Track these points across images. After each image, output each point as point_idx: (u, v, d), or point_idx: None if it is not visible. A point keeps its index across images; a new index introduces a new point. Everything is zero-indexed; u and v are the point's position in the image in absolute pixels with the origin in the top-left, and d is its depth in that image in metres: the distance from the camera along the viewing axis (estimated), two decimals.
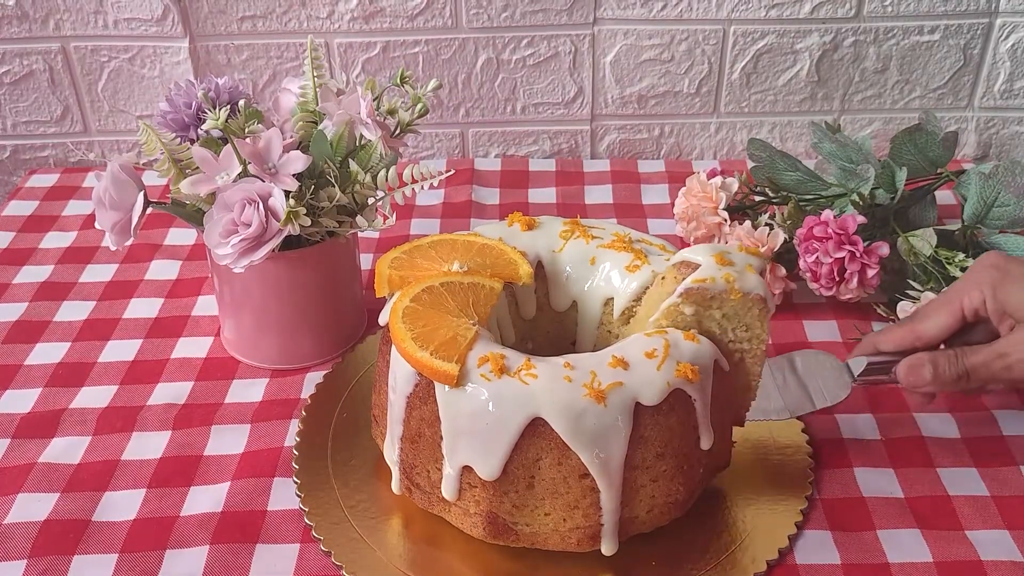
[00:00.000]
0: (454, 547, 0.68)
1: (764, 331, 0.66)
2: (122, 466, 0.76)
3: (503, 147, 1.18)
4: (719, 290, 0.65)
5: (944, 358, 0.70)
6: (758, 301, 0.65)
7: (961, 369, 0.70)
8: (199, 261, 1.00)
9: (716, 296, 0.65)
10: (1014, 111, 1.15)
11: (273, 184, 0.74)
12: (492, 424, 0.61)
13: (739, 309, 0.65)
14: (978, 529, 0.70)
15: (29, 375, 0.85)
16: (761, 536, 0.69)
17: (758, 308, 0.65)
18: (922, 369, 0.71)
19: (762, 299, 0.65)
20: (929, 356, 0.71)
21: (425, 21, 1.09)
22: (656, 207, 1.09)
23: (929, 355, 0.71)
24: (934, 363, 0.70)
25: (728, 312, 0.66)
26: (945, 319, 0.72)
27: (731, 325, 0.66)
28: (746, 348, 0.67)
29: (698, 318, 0.66)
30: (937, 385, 0.71)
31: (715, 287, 0.65)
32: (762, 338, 0.67)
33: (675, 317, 0.66)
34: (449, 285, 0.67)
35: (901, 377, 0.72)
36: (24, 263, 1.00)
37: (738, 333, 0.67)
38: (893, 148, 0.97)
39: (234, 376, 0.85)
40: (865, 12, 1.08)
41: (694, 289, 0.65)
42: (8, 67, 1.10)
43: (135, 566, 0.68)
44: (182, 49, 1.09)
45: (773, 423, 0.77)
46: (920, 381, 0.71)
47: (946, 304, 0.72)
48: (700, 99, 1.15)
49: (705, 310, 0.66)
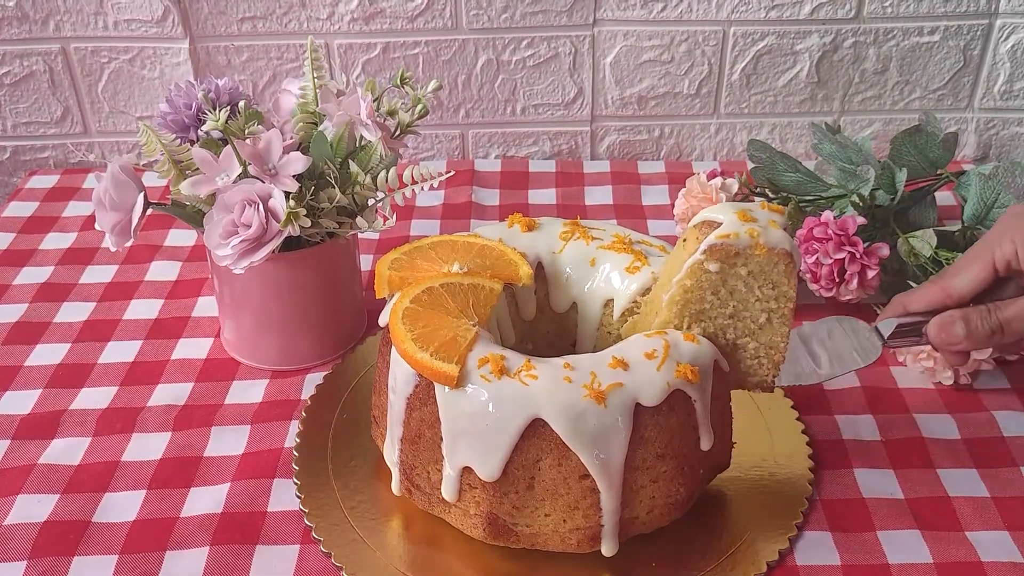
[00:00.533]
0: (454, 548, 0.68)
1: (791, 288, 0.64)
2: (122, 467, 0.76)
3: (503, 148, 1.18)
4: (744, 245, 0.63)
5: (976, 314, 0.67)
6: (784, 256, 0.63)
7: (995, 324, 0.67)
8: (199, 262, 1.00)
9: (741, 252, 0.63)
10: (1014, 112, 1.15)
11: (273, 185, 0.74)
12: (492, 425, 0.61)
13: (765, 265, 0.63)
14: (978, 530, 0.70)
15: (29, 376, 0.85)
16: (761, 537, 0.69)
17: (784, 264, 0.63)
18: (953, 326, 0.68)
19: (788, 254, 0.63)
20: (961, 312, 0.68)
21: (425, 22, 1.09)
22: (656, 208, 1.09)
23: (961, 311, 0.68)
24: (966, 319, 0.68)
25: (754, 269, 0.64)
26: (976, 273, 0.69)
27: (757, 283, 0.64)
28: (773, 307, 0.65)
29: (723, 276, 0.64)
30: (970, 342, 0.68)
31: (739, 242, 0.63)
32: (789, 296, 0.65)
33: (699, 276, 0.64)
34: (449, 286, 0.67)
35: (932, 336, 0.69)
36: (24, 264, 1.00)
37: (764, 291, 0.64)
38: (893, 149, 0.97)
39: (234, 377, 0.85)
40: (865, 13, 1.08)
41: (718, 245, 0.63)
42: (8, 68, 1.10)
43: (135, 567, 0.68)
44: (182, 50, 1.09)
45: (774, 428, 0.77)
46: (952, 339, 0.68)
47: (977, 258, 0.69)
48: (700, 100, 1.15)
49: (730, 268, 0.64)
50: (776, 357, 0.67)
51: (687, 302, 0.65)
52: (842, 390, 0.82)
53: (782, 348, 0.67)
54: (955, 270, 0.70)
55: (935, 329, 0.69)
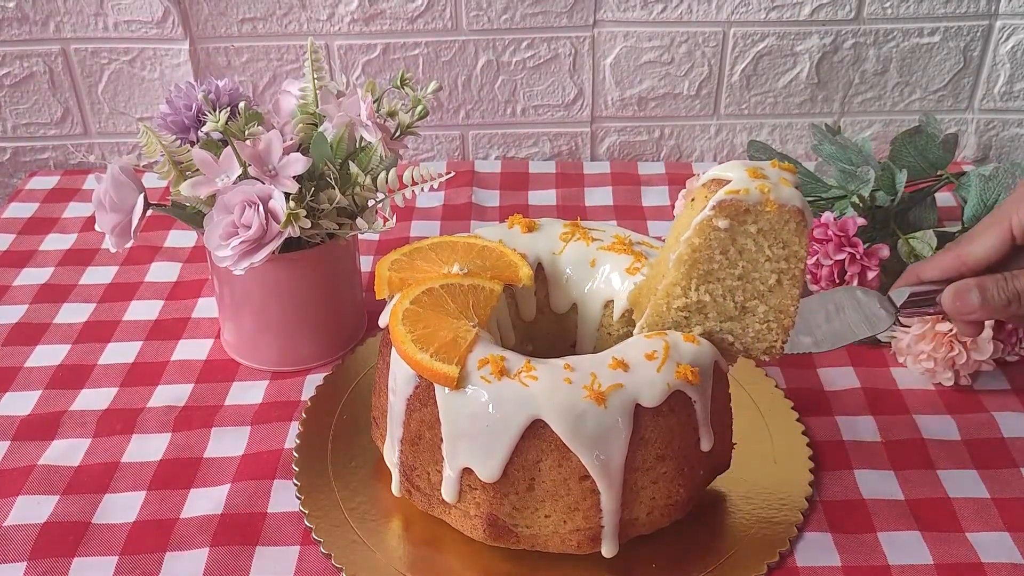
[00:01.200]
0: (454, 549, 0.68)
1: (802, 248, 0.62)
2: (122, 468, 0.76)
3: (503, 149, 1.18)
4: (754, 201, 0.61)
5: (992, 282, 0.65)
6: (795, 213, 0.61)
7: (1011, 292, 0.65)
8: (199, 263, 1.00)
9: (751, 209, 0.61)
10: (1014, 113, 1.15)
11: (273, 186, 0.74)
12: (492, 426, 0.61)
13: (775, 223, 0.61)
14: (978, 531, 0.70)
15: (29, 377, 0.85)
16: (761, 538, 0.69)
17: (795, 221, 0.61)
18: (969, 295, 0.66)
19: (799, 211, 0.61)
20: (976, 281, 0.66)
21: (425, 23, 1.09)
22: (656, 209, 1.09)
23: (976, 280, 0.66)
24: (981, 288, 0.65)
25: (764, 227, 0.62)
26: (992, 240, 0.67)
27: (767, 242, 0.62)
28: (783, 268, 0.63)
29: (732, 234, 0.62)
30: (985, 312, 0.66)
31: (749, 198, 0.61)
32: (800, 256, 0.63)
33: (708, 233, 0.62)
34: (449, 287, 0.67)
35: (946, 305, 0.67)
36: (24, 265, 1.00)
37: (775, 250, 0.62)
38: (893, 150, 0.97)
39: (234, 378, 0.85)
40: (865, 14, 1.08)
41: (728, 201, 0.61)
42: (8, 69, 1.10)
43: (135, 568, 0.68)
44: (182, 51, 1.09)
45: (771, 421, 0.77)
46: (967, 308, 0.66)
47: (993, 224, 0.67)
48: (700, 101, 1.15)
49: (740, 225, 0.62)
50: (786, 322, 0.65)
51: (695, 262, 0.63)
52: (842, 391, 0.82)
53: (792, 312, 0.65)
54: (970, 237, 0.68)
55: (950, 297, 0.67)
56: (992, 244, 0.67)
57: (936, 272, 0.69)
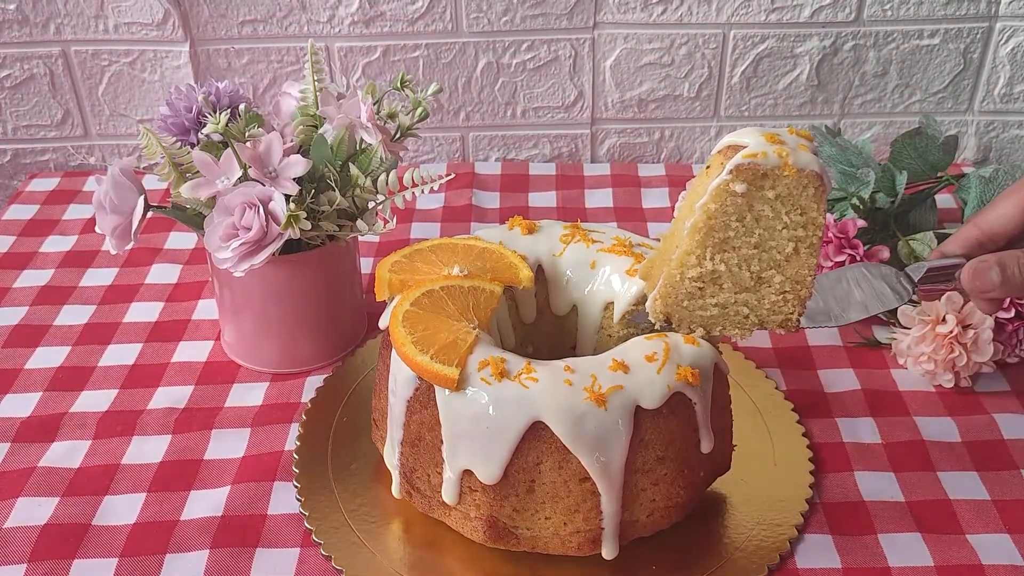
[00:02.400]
0: (454, 551, 0.68)
1: (820, 215, 0.61)
2: (122, 470, 0.76)
3: (503, 151, 1.18)
4: (772, 166, 0.59)
5: (1013, 259, 0.64)
6: (814, 178, 0.59)
7: None
8: (199, 265, 1.00)
9: (768, 173, 0.59)
10: (1014, 115, 1.15)
11: (273, 188, 0.74)
12: (492, 428, 0.61)
13: (793, 188, 0.60)
14: (979, 533, 0.70)
15: (29, 379, 0.85)
16: (761, 540, 0.69)
17: (814, 187, 0.59)
18: (988, 272, 0.64)
19: (818, 176, 0.59)
20: (996, 258, 0.64)
21: (425, 25, 1.09)
22: (656, 211, 1.09)
23: (996, 257, 0.64)
24: (1001, 264, 0.64)
25: (781, 192, 0.60)
26: (1012, 210, 0.66)
27: (784, 208, 0.60)
28: (800, 235, 0.61)
29: (749, 200, 0.60)
30: (1005, 289, 0.64)
31: (767, 162, 0.59)
32: (818, 223, 0.61)
33: (724, 199, 0.60)
34: (449, 289, 0.67)
35: (966, 283, 0.66)
36: (24, 267, 1.00)
37: (792, 217, 0.61)
38: (893, 152, 0.97)
39: (234, 380, 0.85)
40: (865, 16, 1.09)
41: (745, 165, 0.59)
42: (9, 71, 1.11)
43: (135, 570, 0.68)
44: (182, 53, 1.09)
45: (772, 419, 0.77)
46: (987, 285, 0.64)
47: (1014, 193, 0.66)
48: (700, 103, 1.15)
49: (757, 190, 0.60)
50: (802, 293, 0.63)
51: (711, 229, 0.61)
52: (842, 393, 0.82)
53: (808, 283, 0.63)
54: (990, 206, 0.67)
55: (969, 275, 0.66)
56: (1011, 214, 0.66)
57: (955, 243, 0.68)
